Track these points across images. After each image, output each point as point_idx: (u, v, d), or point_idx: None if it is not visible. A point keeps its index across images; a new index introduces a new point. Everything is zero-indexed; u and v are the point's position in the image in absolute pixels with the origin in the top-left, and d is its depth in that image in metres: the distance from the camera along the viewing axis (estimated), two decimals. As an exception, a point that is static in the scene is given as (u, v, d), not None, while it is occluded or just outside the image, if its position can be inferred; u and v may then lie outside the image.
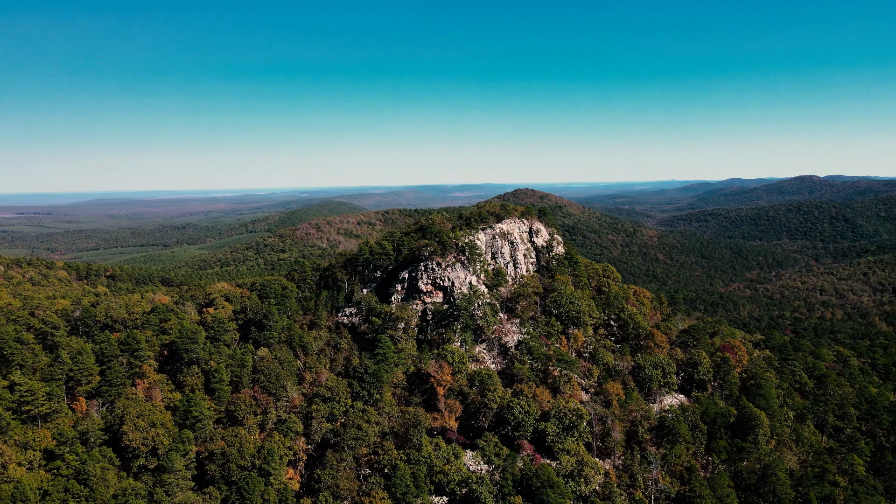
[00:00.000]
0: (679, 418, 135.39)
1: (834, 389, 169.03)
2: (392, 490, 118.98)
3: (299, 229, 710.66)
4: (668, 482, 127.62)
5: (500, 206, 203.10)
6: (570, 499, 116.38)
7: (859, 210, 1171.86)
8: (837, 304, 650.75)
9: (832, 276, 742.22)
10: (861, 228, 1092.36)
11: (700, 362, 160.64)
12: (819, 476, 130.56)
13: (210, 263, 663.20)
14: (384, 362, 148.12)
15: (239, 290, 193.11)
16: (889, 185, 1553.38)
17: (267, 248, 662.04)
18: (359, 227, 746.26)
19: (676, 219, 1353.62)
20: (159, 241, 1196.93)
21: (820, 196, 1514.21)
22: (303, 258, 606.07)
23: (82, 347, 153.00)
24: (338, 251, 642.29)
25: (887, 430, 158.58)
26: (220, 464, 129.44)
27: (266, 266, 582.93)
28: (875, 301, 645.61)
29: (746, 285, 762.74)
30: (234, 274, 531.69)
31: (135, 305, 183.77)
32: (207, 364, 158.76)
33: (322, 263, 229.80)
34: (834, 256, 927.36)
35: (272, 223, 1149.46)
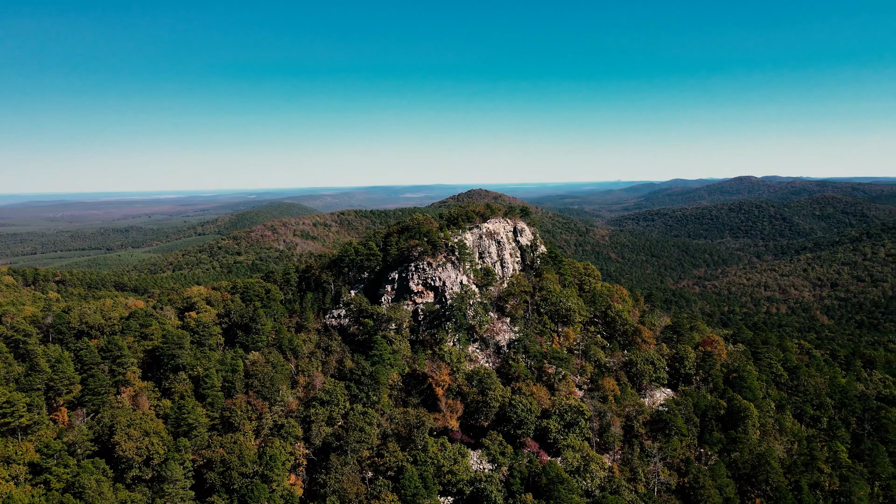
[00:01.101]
0: (675, 412, 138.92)
1: (807, 380, 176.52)
2: (402, 492, 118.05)
3: (254, 231, 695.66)
4: (666, 474, 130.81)
5: (485, 206, 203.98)
6: (579, 494, 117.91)
7: (796, 209, 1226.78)
8: (781, 300, 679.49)
9: (775, 273, 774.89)
10: (798, 227, 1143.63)
11: (686, 357, 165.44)
12: (807, 464, 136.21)
13: (161, 267, 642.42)
14: (381, 364, 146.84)
15: (219, 294, 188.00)
16: (821, 186, 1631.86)
17: (221, 251, 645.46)
18: (315, 229, 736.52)
19: (625, 218, 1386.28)
20: (102, 245, 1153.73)
21: (758, 196, 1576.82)
22: (260, 260, 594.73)
23: (61, 355, 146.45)
24: (296, 253, 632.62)
25: (859, 417, 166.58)
26: (219, 472, 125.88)
27: (222, 269, 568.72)
28: (815, 296, 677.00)
29: (695, 282, 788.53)
30: (189, 278, 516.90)
31: (110, 311, 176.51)
32: (194, 370, 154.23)
33: (300, 265, 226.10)
34: (774, 254, 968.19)
35: (222, 225, 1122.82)
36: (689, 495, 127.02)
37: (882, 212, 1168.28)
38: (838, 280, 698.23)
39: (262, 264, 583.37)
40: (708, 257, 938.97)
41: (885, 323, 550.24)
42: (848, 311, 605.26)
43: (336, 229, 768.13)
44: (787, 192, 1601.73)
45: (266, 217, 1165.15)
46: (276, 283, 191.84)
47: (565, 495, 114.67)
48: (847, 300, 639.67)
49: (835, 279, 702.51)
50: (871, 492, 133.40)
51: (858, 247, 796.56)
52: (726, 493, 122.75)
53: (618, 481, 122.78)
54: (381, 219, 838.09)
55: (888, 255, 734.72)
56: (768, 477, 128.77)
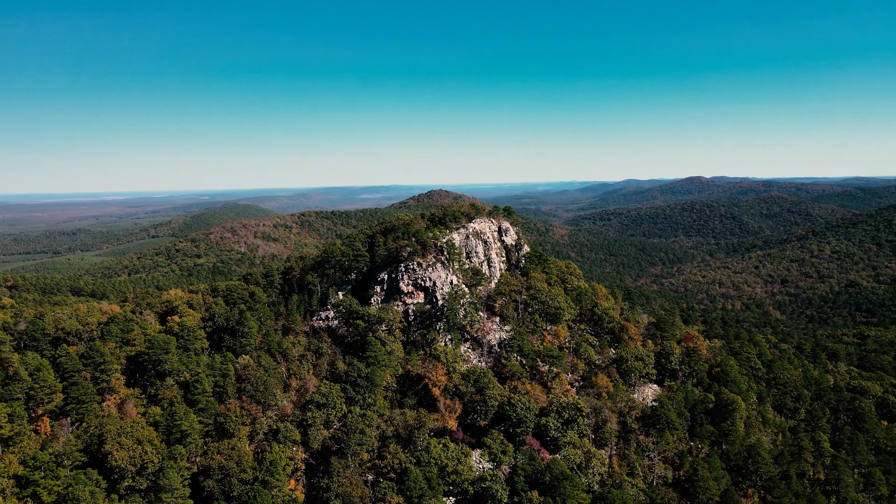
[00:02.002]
0: (669, 407, 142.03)
1: (782, 373, 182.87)
2: (407, 493, 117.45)
3: (213, 233, 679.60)
4: (662, 468, 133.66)
5: (470, 206, 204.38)
6: (583, 490, 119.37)
7: (745, 209, 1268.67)
8: (735, 296, 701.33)
9: (728, 270, 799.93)
10: (747, 225, 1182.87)
11: (671, 353, 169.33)
12: (794, 454, 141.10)
13: (116, 271, 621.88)
14: (376, 365, 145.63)
15: (199, 297, 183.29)
16: (767, 186, 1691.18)
17: (179, 254, 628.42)
18: (275, 231, 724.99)
19: (581, 218, 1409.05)
20: (48, 249, 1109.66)
21: (708, 195, 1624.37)
22: (221, 263, 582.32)
23: (40, 363, 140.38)
24: (258, 255, 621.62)
25: (834, 408, 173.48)
26: (218, 479, 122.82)
27: (182, 272, 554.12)
28: (767, 292, 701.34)
29: (653, 280, 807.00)
30: (148, 281, 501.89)
31: (86, 316, 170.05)
32: (181, 375, 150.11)
33: (277, 267, 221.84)
34: (726, 252, 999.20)
35: (176, 227, 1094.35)
36: (686, 488, 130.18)
37: (825, 210, 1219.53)
38: (788, 276, 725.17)
39: (224, 267, 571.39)
40: (664, 256, 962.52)
41: (833, 317, 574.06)
42: (799, 306, 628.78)
43: (297, 231, 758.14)
44: (735, 192, 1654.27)
45: (222, 219, 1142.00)
46: (259, 286, 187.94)
47: (571, 492, 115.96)
48: (797, 296, 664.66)
49: (785, 275, 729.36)
50: (852, 479, 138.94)
51: (805, 244, 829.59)
52: (722, 484, 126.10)
53: (620, 476, 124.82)
54: (342, 220, 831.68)
55: (833, 252, 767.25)
56: (759, 468, 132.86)
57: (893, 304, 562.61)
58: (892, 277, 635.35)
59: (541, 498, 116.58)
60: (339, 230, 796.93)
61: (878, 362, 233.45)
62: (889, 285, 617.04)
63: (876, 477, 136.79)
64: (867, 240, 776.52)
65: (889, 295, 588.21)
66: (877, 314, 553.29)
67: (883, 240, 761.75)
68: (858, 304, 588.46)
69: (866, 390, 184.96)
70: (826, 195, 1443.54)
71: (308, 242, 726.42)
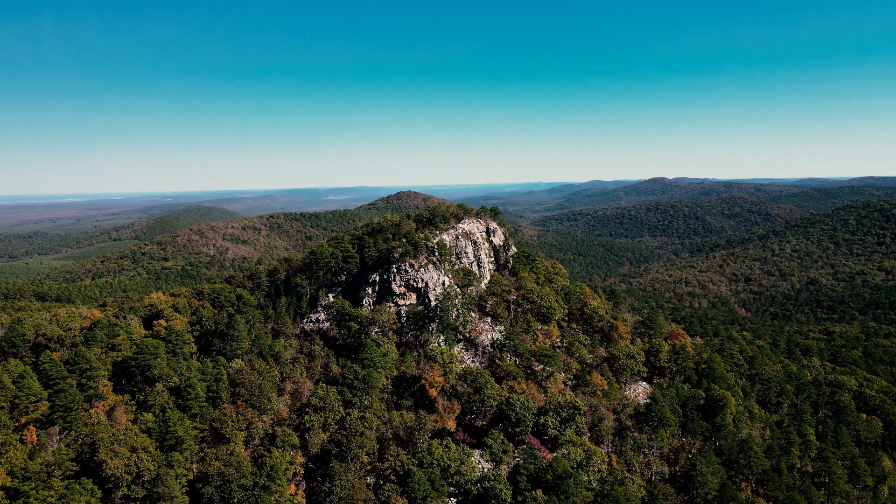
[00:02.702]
0: (663, 404, 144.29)
1: (764, 369, 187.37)
2: (411, 495, 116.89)
3: (180, 236, 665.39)
4: (659, 464, 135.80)
5: (459, 206, 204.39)
6: (586, 488, 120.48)
7: (707, 209, 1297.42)
8: (701, 294, 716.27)
9: (693, 269, 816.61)
10: (710, 225, 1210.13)
11: (660, 350, 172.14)
12: (784, 448, 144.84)
13: (79, 275, 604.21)
14: (372, 367, 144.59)
15: (184, 300, 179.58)
16: (728, 187, 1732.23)
17: (145, 257, 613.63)
18: (244, 233, 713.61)
19: (548, 219, 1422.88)
20: (3, 253, 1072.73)
21: (671, 196, 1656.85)
22: (190, 266, 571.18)
23: (24, 370, 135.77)
24: (228, 258, 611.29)
25: (814, 402, 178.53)
26: (217, 486, 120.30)
27: (150, 276, 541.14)
28: (732, 290, 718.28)
29: (621, 279, 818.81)
30: (115, 285, 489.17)
31: (67, 321, 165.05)
32: (170, 380, 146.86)
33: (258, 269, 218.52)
34: (691, 251, 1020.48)
35: (139, 230, 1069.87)
36: (682, 484, 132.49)
37: (783, 210, 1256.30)
38: (751, 275, 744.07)
39: (193, 270, 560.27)
40: (631, 255, 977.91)
41: (796, 314, 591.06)
42: (763, 304, 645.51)
43: (266, 233, 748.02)
44: (697, 193, 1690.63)
45: (187, 221, 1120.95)
46: (245, 288, 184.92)
47: (574, 489, 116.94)
48: (761, 293, 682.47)
49: (748, 274, 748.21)
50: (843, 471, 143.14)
51: (767, 243, 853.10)
52: (718, 479, 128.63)
53: (621, 473, 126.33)
54: (311, 222, 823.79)
55: (793, 251, 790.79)
56: (751, 462, 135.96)
57: (852, 300, 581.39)
58: (849, 275, 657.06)
59: (545, 496, 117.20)
60: (308, 232, 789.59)
61: (849, 357, 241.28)
62: (847, 283, 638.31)
63: (861, 468, 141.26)
64: (825, 239, 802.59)
65: (847, 292, 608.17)
66: (837, 311, 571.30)
67: (840, 239, 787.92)
68: (819, 301, 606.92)
69: (842, 384, 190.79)
70: (784, 195, 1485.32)
71: (278, 245, 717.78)
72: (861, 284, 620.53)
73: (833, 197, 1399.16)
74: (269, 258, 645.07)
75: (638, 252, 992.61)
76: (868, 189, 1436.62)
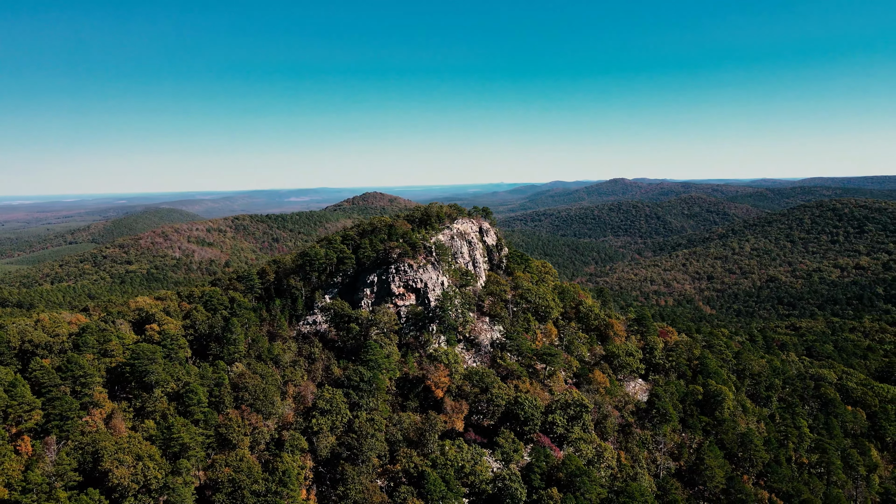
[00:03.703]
0: (666, 400, 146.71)
1: (751, 364, 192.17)
2: (427, 497, 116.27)
3: (143, 238, 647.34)
4: (663, 459, 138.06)
5: (452, 206, 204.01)
6: (600, 485, 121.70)
7: (667, 209, 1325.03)
8: (667, 293, 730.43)
9: (658, 268, 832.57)
10: (671, 225, 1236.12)
11: (655, 347, 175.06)
12: (781, 441, 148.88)
13: (36, 280, 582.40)
14: (377, 369, 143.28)
15: (175, 304, 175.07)
16: (686, 187, 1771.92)
17: (107, 261, 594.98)
18: (210, 235, 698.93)
19: (513, 219, 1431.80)
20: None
21: (632, 196, 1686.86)
22: (156, 269, 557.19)
23: (15, 378, 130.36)
24: (195, 261, 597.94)
25: (801, 395, 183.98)
26: (227, 492, 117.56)
27: (114, 280, 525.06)
28: (696, 288, 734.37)
29: (588, 279, 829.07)
30: (78, 290, 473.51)
31: (53, 327, 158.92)
32: (168, 386, 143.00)
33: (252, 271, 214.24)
34: (653, 250, 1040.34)
35: (96, 233, 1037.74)
36: (687, 478, 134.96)
37: (740, 210, 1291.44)
38: (713, 273, 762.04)
39: (159, 273, 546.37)
40: (596, 255, 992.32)
41: (759, 311, 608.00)
42: (726, 301, 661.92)
43: (232, 235, 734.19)
44: (656, 193, 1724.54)
45: (146, 223, 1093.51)
46: (237, 291, 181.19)
47: (589, 486, 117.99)
48: (723, 291, 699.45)
49: (710, 272, 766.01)
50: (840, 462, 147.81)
51: (727, 242, 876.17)
52: (724, 472, 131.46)
53: (632, 469, 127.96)
54: (278, 223, 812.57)
55: (753, 249, 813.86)
56: (752, 455, 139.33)
57: (811, 297, 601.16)
58: (807, 272, 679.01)
59: (560, 494, 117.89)
60: (275, 234, 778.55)
61: (823, 351, 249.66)
62: (805, 280, 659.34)
63: (854, 458, 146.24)
64: (782, 237, 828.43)
65: (806, 289, 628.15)
66: (797, 307, 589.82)
67: (796, 237, 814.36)
68: (780, 297, 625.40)
69: (823, 377, 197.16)
70: (740, 195, 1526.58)
71: (244, 247, 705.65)
72: (818, 281, 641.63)
73: (786, 197, 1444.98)
74: (237, 260, 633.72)
75: (603, 252, 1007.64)
76: (818, 189, 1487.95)
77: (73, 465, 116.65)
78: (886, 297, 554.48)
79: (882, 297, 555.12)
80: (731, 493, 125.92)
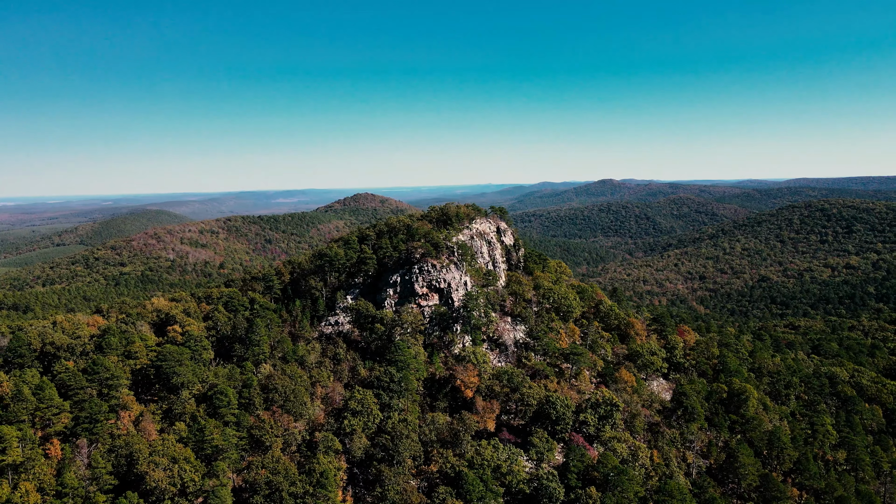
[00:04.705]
0: (694, 398, 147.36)
1: (766, 362, 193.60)
2: (467, 497, 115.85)
3: (135, 240, 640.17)
4: (692, 458, 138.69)
5: (471, 206, 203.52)
6: (638, 483, 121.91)
7: (657, 209, 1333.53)
8: (660, 293, 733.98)
9: (650, 268, 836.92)
10: (660, 225, 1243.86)
11: (676, 346, 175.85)
12: (807, 439, 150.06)
13: (28, 282, 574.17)
14: (406, 369, 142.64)
15: (194, 304, 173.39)
16: (674, 188, 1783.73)
17: (100, 262, 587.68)
18: (202, 237, 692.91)
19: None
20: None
21: (621, 197, 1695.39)
22: (150, 271, 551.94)
23: (42, 381, 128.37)
24: (189, 262, 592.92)
25: (818, 393, 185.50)
26: (265, 494, 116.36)
27: (108, 282, 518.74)
28: (689, 288, 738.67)
29: (581, 279, 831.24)
30: (73, 292, 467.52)
31: (74, 329, 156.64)
32: (194, 387, 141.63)
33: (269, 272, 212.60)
34: (644, 250, 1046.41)
35: (84, 235, 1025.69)
36: (718, 476, 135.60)
37: (728, 210, 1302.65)
38: (705, 273, 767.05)
39: (154, 275, 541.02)
40: (587, 255, 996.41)
41: (752, 310, 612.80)
42: (719, 301, 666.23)
43: (224, 236, 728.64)
44: (644, 194, 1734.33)
45: (135, 225, 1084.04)
46: (256, 292, 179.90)
47: (628, 485, 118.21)
48: (716, 291, 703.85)
49: (702, 272, 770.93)
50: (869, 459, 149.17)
51: (718, 242, 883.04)
52: (756, 467, 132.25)
53: (665, 467, 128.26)
54: (270, 224, 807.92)
55: (743, 249, 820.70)
56: (780, 453, 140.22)
57: (804, 296, 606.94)
58: (798, 272, 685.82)
59: (599, 493, 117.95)
60: (268, 235, 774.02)
61: (830, 350, 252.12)
62: (797, 279, 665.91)
63: (879, 454, 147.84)
64: (772, 237, 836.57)
65: (798, 288, 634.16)
66: (790, 306, 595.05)
67: (786, 237, 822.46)
68: (773, 297, 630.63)
69: (836, 375, 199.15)
70: (727, 196, 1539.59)
71: (238, 248, 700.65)
72: (810, 281, 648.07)
73: (773, 197, 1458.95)
74: (232, 262, 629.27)
75: (594, 252, 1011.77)
76: (804, 190, 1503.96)
77: (109, 469, 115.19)
78: (878, 296, 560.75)
79: (874, 296, 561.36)
80: (765, 490, 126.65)
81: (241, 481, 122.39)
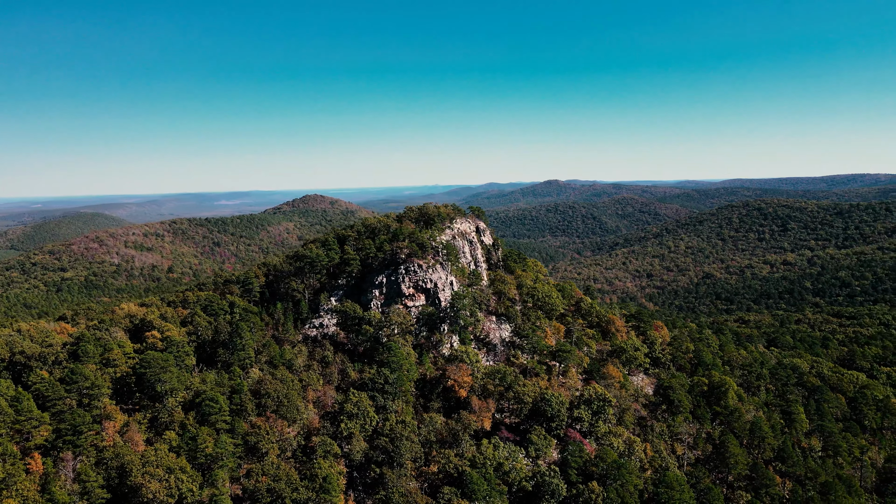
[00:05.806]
0: (680, 392, 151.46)
1: (734, 356, 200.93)
2: (471, 497, 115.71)
3: (75, 244, 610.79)
4: (681, 450, 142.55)
5: (451, 207, 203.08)
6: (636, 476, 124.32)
7: (602, 209, 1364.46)
8: (610, 291, 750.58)
9: (599, 267, 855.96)
10: (606, 225, 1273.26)
11: (655, 342, 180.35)
12: (783, 428, 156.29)
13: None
14: (399, 370, 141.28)
15: (170, 309, 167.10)
16: (617, 188, 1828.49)
17: (37, 268, 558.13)
18: (147, 240, 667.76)
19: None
20: None
21: (566, 198, 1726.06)
22: (94, 276, 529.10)
23: (18, 392, 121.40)
24: (136, 266, 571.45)
25: (784, 384, 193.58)
26: (267, 502, 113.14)
27: (49, 288, 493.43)
28: (637, 286, 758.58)
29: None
30: (12, 299, 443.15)
31: (44, 336, 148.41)
32: (178, 394, 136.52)
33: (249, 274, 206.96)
34: (592, 250, 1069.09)
35: (15, 239, 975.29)
36: (706, 466, 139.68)
37: (670, 210, 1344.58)
38: (652, 271, 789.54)
39: (98, 280, 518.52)
40: (537, 255, 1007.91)
41: (699, 306, 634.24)
42: (667, 298, 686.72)
43: (170, 239, 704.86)
44: (589, 194, 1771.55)
45: (70, 229, 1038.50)
46: (234, 295, 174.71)
47: (628, 478, 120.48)
48: (663, 288, 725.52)
49: (649, 270, 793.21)
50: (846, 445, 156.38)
51: (662, 241, 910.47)
52: (743, 457, 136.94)
53: (660, 459, 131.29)
54: (218, 227, 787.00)
55: (687, 247, 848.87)
56: (761, 442, 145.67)
57: (746, 292, 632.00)
58: (739, 269, 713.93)
59: (600, 488, 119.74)
60: (216, 238, 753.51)
61: (785, 342, 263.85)
62: (738, 276, 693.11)
63: (850, 441, 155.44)
64: (713, 236, 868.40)
65: (741, 284, 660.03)
66: (734, 301, 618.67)
67: (726, 235, 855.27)
68: (717, 293, 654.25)
69: (797, 367, 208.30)
70: (668, 196, 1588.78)
71: (185, 251, 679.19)
72: (751, 277, 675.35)
73: (711, 197, 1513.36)
74: (180, 266, 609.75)
75: (544, 251, 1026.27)
76: (740, 190, 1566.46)
77: (100, 482, 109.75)
78: (814, 290, 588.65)
79: (811, 291, 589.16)
80: (754, 479, 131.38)
81: (239, 489, 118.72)
